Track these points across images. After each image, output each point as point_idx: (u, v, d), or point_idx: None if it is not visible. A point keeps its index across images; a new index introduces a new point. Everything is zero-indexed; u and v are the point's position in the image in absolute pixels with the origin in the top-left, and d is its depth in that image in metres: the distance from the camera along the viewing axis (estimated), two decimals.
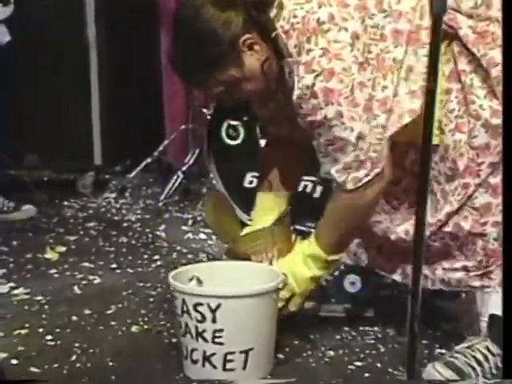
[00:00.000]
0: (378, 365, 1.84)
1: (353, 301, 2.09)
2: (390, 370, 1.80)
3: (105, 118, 4.07)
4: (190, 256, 2.74)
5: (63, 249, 2.82)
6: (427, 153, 1.59)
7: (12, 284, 2.44)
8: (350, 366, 1.83)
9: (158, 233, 3.04)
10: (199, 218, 3.18)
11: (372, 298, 2.09)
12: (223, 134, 2.97)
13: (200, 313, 1.71)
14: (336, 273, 2.13)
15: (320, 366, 1.83)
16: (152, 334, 2.03)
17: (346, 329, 2.04)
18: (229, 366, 1.73)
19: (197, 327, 1.73)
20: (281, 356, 1.87)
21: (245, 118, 2.90)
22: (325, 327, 2.04)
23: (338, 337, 2.00)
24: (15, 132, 3.51)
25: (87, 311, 2.19)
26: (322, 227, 1.85)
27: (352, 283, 2.07)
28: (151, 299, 2.30)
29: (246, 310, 1.72)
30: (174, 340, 1.92)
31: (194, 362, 1.75)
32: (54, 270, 2.59)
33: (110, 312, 2.19)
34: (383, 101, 1.69)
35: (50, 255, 2.75)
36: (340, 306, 2.10)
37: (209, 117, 2.99)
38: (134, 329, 2.06)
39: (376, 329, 2.04)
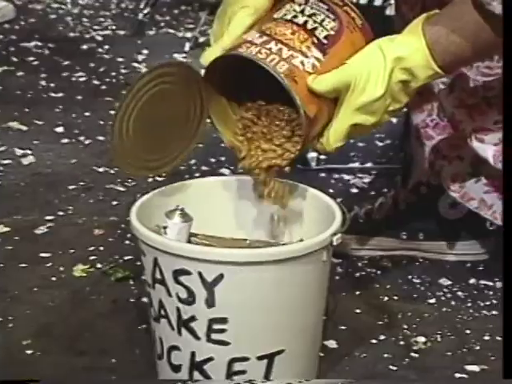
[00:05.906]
0: None
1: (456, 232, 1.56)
2: None
3: None
4: None
5: None
6: None
7: None
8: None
9: (136, 64, 2.41)
10: (202, 40, 2.47)
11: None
12: None
13: (185, 287, 1.12)
14: (423, 189, 1.55)
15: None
16: (107, 283, 1.45)
17: (448, 283, 1.49)
18: (238, 379, 1.17)
19: (179, 311, 1.14)
20: (332, 344, 1.31)
21: None
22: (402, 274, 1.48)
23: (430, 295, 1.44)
24: None
25: (2, 228, 1.61)
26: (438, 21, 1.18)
27: (452, 205, 1.52)
28: (115, 202, 1.70)
29: (269, 286, 1.13)
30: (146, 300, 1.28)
31: (175, 368, 1.18)
32: None
33: (40, 232, 1.60)
34: None
35: None
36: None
37: None
38: (76, 271, 1.47)
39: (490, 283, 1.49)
